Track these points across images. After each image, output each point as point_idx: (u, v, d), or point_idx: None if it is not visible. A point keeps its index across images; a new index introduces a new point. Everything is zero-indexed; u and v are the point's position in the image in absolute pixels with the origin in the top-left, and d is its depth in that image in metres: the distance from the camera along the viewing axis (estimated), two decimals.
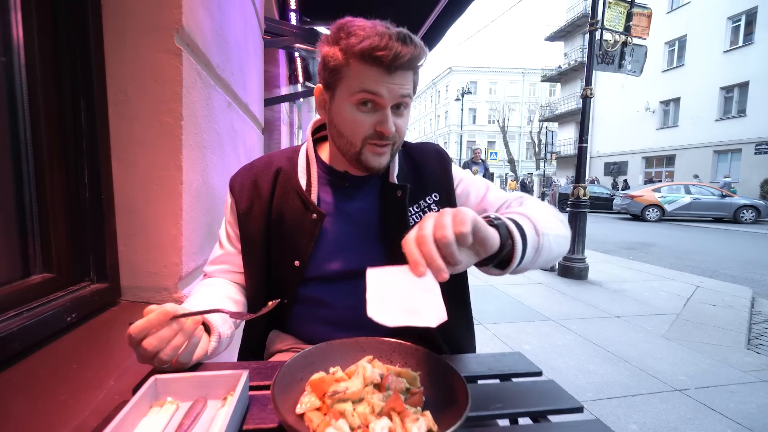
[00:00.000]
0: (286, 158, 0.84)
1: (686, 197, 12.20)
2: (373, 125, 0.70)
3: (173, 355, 0.55)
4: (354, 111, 0.70)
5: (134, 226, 0.94)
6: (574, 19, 24.19)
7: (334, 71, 0.70)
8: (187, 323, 0.58)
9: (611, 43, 4.33)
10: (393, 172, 0.81)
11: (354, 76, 0.68)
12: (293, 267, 0.77)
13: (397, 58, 0.65)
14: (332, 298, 0.79)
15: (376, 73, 0.67)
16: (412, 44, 0.67)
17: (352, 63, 0.67)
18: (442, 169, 0.87)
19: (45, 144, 0.78)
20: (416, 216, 0.81)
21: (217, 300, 0.74)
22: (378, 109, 0.70)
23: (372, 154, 0.73)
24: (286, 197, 0.79)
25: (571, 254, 4.40)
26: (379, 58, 0.65)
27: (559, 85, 28.98)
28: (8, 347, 0.62)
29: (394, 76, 0.67)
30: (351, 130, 0.72)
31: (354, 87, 0.68)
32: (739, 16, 15.68)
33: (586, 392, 2.04)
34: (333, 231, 0.79)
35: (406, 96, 0.70)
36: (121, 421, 0.43)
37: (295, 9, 3.69)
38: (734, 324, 3.07)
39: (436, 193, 0.84)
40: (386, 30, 0.66)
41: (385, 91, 0.68)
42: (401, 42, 0.65)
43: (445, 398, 0.51)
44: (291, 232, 0.78)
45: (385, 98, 0.68)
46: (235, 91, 1.49)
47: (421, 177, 0.85)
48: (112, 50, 0.88)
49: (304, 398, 0.49)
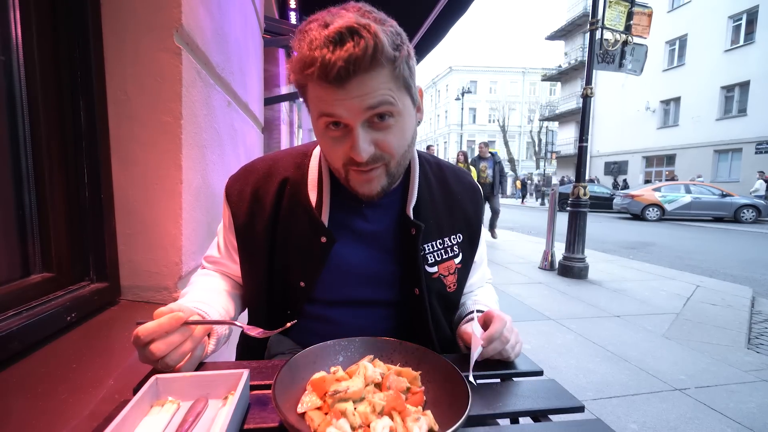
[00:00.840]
0: (294, 165, 0.73)
1: (686, 197, 12.20)
2: (346, 151, 0.59)
3: (179, 361, 0.55)
4: (326, 137, 0.61)
5: (134, 226, 0.94)
6: (574, 18, 24.18)
7: (301, 95, 0.61)
8: (197, 330, 0.57)
9: (612, 42, 4.33)
10: (411, 200, 0.71)
11: (312, 99, 0.58)
12: (298, 287, 0.71)
13: (328, 68, 0.51)
14: (339, 318, 0.74)
15: (325, 91, 0.55)
16: (352, 39, 0.51)
17: (304, 83, 0.58)
18: (475, 209, 0.80)
19: (44, 143, 0.77)
20: (437, 254, 0.73)
21: (216, 297, 0.73)
22: (348, 131, 0.58)
23: (357, 181, 0.63)
24: (294, 214, 0.70)
25: (571, 254, 4.40)
26: (312, 77, 0.53)
27: (559, 84, 28.97)
28: (8, 347, 0.62)
29: (349, 89, 0.53)
30: (330, 157, 0.63)
31: (314, 113, 0.59)
32: (739, 15, 15.67)
33: (586, 391, 2.03)
34: (344, 255, 0.71)
35: (377, 106, 0.55)
36: (122, 421, 0.43)
37: (294, 8, 3.69)
38: (734, 323, 3.07)
39: (461, 234, 0.77)
40: (319, 32, 0.52)
41: (342, 110, 0.55)
42: (334, 44, 0.51)
43: (446, 398, 0.51)
44: (297, 253, 0.70)
45: (346, 117, 0.56)
46: (235, 91, 1.48)
47: (452, 210, 0.76)
48: (111, 49, 0.88)
49: (305, 397, 0.49)
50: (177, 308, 0.56)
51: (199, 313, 0.63)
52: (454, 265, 0.76)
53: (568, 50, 25.96)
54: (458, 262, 0.77)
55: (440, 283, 0.75)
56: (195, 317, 0.59)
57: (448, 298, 0.77)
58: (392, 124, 0.59)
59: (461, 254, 0.77)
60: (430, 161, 0.81)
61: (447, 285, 0.76)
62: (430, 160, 0.82)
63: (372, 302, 0.75)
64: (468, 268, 0.80)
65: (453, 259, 0.76)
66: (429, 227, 0.72)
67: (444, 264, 0.75)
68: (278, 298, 0.75)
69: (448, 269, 0.75)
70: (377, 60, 0.53)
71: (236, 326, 0.61)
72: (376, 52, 0.52)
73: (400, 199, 0.74)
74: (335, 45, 0.51)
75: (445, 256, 0.75)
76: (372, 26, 0.52)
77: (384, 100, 0.56)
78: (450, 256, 0.76)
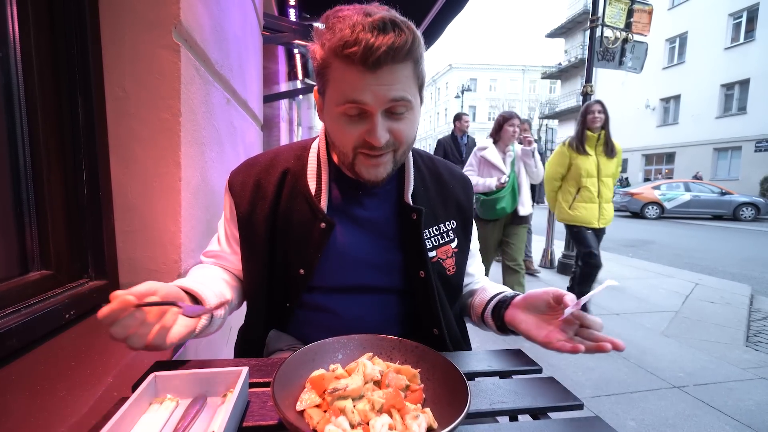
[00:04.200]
0: (294, 157, 0.77)
1: (686, 195, 12.21)
2: (362, 134, 0.63)
3: (139, 343, 0.52)
4: (341, 120, 0.63)
5: (133, 223, 0.93)
6: (574, 15, 24.11)
7: (320, 74, 0.63)
8: (151, 312, 0.54)
9: (612, 39, 4.32)
10: (408, 188, 0.75)
11: (337, 80, 0.60)
12: (298, 275, 0.73)
13: (371, 52, 0.55)
14: (337, 307, 0.75)
15: (356, 74, 0.58)
16: (394, 30, 0.56)
17: (333, 63, 0.60)
18: (466, 197, 0.84)
19: (43, 141, 0.77)
20: (434, 239, 0.77)
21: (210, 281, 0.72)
22: (367, 116, 0.62)
23: (365, 165, 0.66)
24: (293, 202, 0.73)
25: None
26: (351, 57, 0.56)
27: (559, 82, 28.91)
28: (6, 344, 0.62)
29: (380, 75, 0.57)
30: (340, 139, 0.66)
31: (338, 95, 0.61)
32: (740, 13, 15.63)
33: (584, 389, 2.04)
34: (342, 242, 0.74)
35: (399, 99, 0.60)
36: (121, 418, 0.43)
37: (294, 5, 3.67)
38: (733, 321, 3.08)
39: (455, 220, 0.81)
40: (362, 18, 0.56)
41: (370, 96, 0.59)
42: (378, 30, 0.55)
43: (445, 395, 0.51)
44: (297, 240, 0.72)
45: (371, 104, 0.60)
46: (234, 88, 1.48)
47: (445, 198, 0.81)
48: (109, 46, 0.88)
49: (304, 395, 0.49)
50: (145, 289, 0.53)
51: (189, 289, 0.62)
52: (451, 249, 0.80)
53: (568, 48, 25.90)
54: (455, 247, 0.81)
55: (440, 266, 0.78)
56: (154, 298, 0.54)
57: (448, 280, 0.80)
58: (407, 117, 0.64)
59: (456, 239, 0.81)
60: (422, 155, 0.86)
61: (446, 268, 0.79)
62: (423, 154, 0.87)
63: (371, 289, 0.76)
64: (465, 253, 0.83)
65: (449, 244, 0.80)
66: (425, 214, 0.75)
67: (441, 248, 0.79)
68: (278, 288, 0.76)
69: (445, 253, 0.79)
70: (410, 54, 0.59)
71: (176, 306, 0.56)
72: (412, 46, 0.58)
73: (396, 188, 0.78)
74: (379, 31, 0.55)
75: (441, 241, 0.79)
76: (410, 24, 0.59)
77: (405, 95, 0.61)
78: (447, 241, 0.80)
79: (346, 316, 0.75)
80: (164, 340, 0.55)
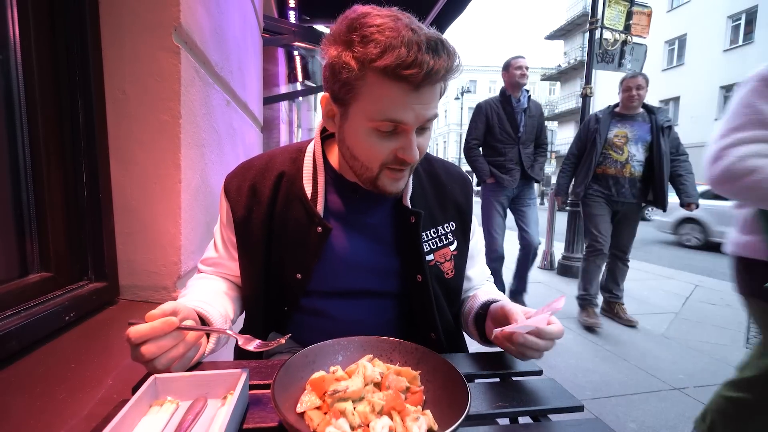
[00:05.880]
0: (290, 160, 0.75)
1: None
2: (393, 151, 0.62)
3: (169, 364, 0.54)
4: (372, 136, 0.61)
5: (133, 225, 0.93)
6: (574, 17, 24.17)
7: (347, 85, 0.58)
8: (189, 336, 0.56)
9: (611, 41, 4.32)
10: (407, 190, 0.74)
11: (373, 96, 0.57)
12: (295, 279, 0.72)
13: (430, 75, 0.54)
14: (335, 311, 0.75)
15: (400, 93, 0.56)
16: (445, 53, 0.55)
17: (371, 78, 0.56)
18: (465, 198, 0.82)
19: (43, 143, 0.77)
20: (432, 243, 0.76)
21: (216, 298, 0.73)
22: (400, 132, 0.61)
23: (390, 179, 0.66)
24: (289, 205, 0.72)
25: (571, 253, 4.40)
26: (407, 78, 0.54)
27: (558, 83, 28.97)
28: (6, 346, 0.62)
29: (422, 94, 0.57)
30: (367, 156, 0.64)
31: (374, 111, 0.58)
32: (739, 15, 15.68)
33: (584, 391, 2.04)
34: (339, 246, 0.73)
35: (432, 118, 0.61)
36: (121, 420, 0.43)
37: (294, 7, 3.68)
38: (733, 323, 3.07)
39: (454, 222, 0.79)
40: (412, 35, 0.53)
41: (412, 116, 0.58)
42: (433, 53, 0.54)
43: (445, 397, 0.51)
44: (294, 244, 0.72)
45: (411, 124, 0.59)
46: (234, 90, 1.48)
47: (443, 200, 0.80)
48: (109, 48, 0.88)
49: (304, 397, 0.49)
50: (172, 308, 0.55)
51: (199, 311, 0.63)
52: (450, 252, 0.79)
53: (567, 50, 25.96)
54: (453, 249, 0.79)
55: (437, 269, 0.77)
56: (189, 322, 0.58)
57: (447, 284, 0.79)
58: (428, 131, 0.65)
59: (455, 241, 0.80)
60: None
61: (445, 271, 0.78)
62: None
63: (368, 293, 0.76)
64: (464, 255, 0.82)
65: (448, 247, 0.78)
66: (423, 217, 0.74)
67: (439, 251, 0.77)
68: (275, 294, 0.75)
69: (443, 256, 0.78)
70: (450, 76, 0.59)
71: (231, 336, 0.59)
72: (455, 70, 0.58)
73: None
74: (435, 52, 0.54)
75: (440, 244, 0.77)
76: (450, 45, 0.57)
77: (436, 114, 0.62)
78: (445, 244, 0.78)
79: (343, 320, 0.75)
80: (186, 366, 0.57)
